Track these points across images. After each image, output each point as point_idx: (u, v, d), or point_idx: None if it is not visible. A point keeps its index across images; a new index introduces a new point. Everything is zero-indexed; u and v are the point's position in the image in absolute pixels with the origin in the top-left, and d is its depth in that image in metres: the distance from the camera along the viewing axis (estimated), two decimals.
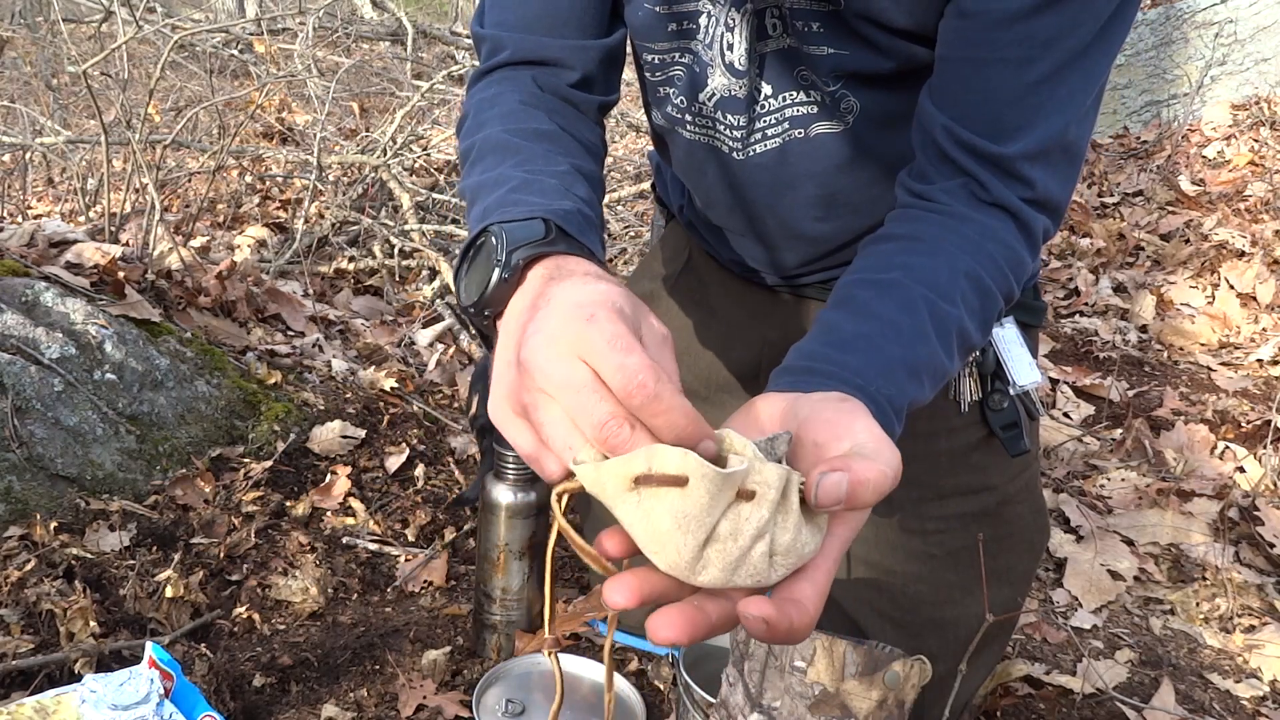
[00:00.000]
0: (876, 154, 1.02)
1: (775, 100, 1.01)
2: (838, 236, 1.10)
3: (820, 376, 0.71)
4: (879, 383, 0.72)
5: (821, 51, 0.95)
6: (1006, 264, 0.85)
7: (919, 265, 0.82)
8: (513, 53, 1.00)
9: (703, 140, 1.09)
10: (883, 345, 0.75)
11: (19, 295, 1.65)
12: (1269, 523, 1.93)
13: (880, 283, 0.82)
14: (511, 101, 0.96)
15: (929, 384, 0.77)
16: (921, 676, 0.62)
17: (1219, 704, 1.50)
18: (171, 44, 2.81)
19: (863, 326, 0.78)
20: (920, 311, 0.78)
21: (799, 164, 1.04)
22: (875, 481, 0.53)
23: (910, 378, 0.75)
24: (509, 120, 0.93)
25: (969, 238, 0.84)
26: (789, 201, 1.08)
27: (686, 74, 1.04)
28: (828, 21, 0.93)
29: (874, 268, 0.85)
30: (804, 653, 0.63)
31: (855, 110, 0.99)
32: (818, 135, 1.02)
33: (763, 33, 0.97)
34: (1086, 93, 0.86)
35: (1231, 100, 4.41)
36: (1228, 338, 3.01)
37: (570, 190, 0.81)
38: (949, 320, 0.79)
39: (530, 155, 0.86)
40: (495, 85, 0.99)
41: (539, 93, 0.98)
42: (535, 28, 1.00)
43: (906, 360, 0.75)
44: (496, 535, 1.28)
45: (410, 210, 3.04)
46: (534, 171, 0.83)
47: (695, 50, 1.02)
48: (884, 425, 0.65)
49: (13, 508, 1.41)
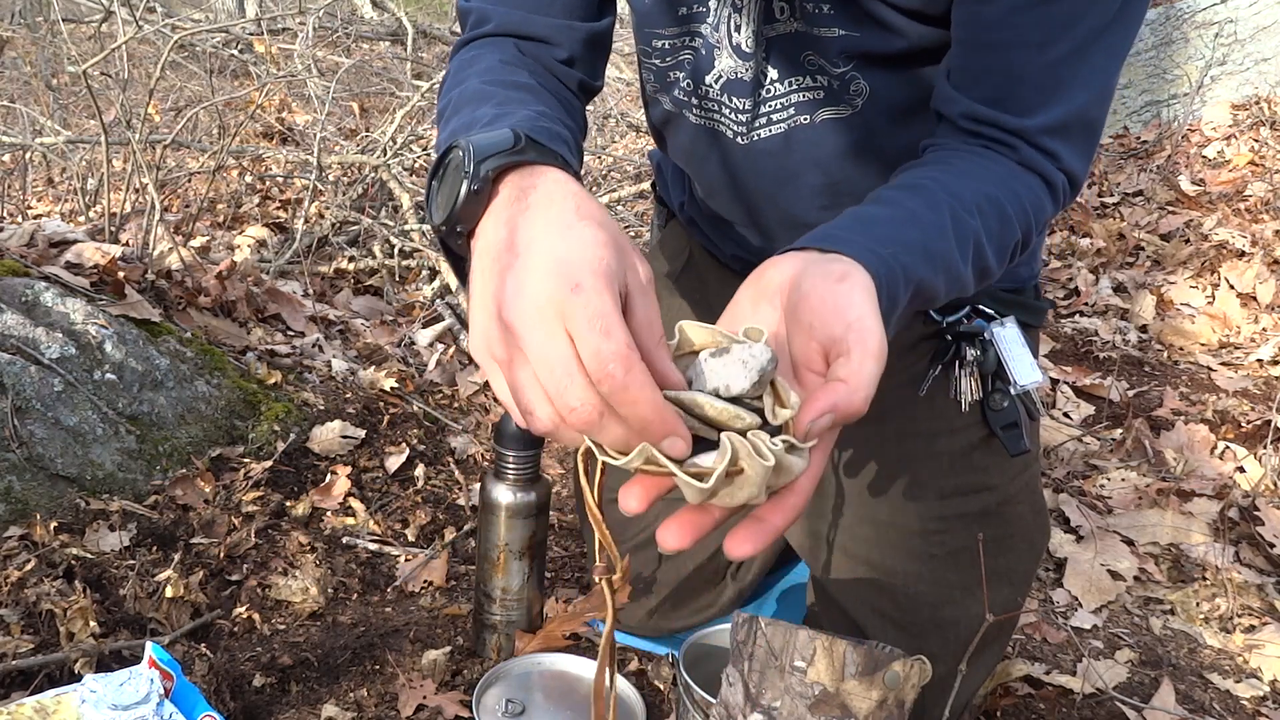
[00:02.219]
0: (882, 141, 1.02)
1: (781, 85, 1.00)
2: None
3: (835, 242, 0.70)
4: (894, 248, 0.72)
5: (832, 33, 0.95)
6: (1029, 203, 0.86)
7: (947, 181, 0.83)
8: (497, 25, 0.99)
9: (706, 125, 1.08)
10: (902, 227, 0.76)
11: (19, 295, 1.65)
12: (1269, 523, 1.93)
13: (907, 185, 0.83)
14: (491, 59, 0.94)
15: (942, 277, 0.77)
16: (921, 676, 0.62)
17: (1219, 704, 1.50)
18: (171, 44, 2.81)
19: (885, 211, 0.79)
20: (942, 211, 0.79)
21: (803, 150, 1.03)
22: (856, 405, 0.59)
23: (925, 260, 0.75)
24: (488, 74, 0.91)
25: (995, 172, 0.85)
26: (792, 189, 1.07)
27: (694, 57, 1.04)
28: (839, 3, 0.93)
29: (903, 178, 0.85)
30: (804, 653, 0.63)
31: (865, 93, 0.98)
32: (823, 121, 1.01)
33: (770, 16, 0.97)
34: (1107, 70, 0.86)
35: (1231, 100, 4.41)
36: (1228, 338, 3.01)
37: (543, 114, 0.80)
38: (968, 228, 0.79)
39: (506, 100, 0.83)
40: (476, 49, 0.98)
41: (521, 55, 0.97)
42: (523, 3, 0.98)
43: (923, 244, 0.75)
44: (496, 535, 1.28)
45: (410, 210, 3.04)
46: (507, 103, 0.81)
47: (703, 33, 1.01)
48: (889, 294, 0.69)
49: (13, 508, 1.41)
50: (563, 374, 0.54)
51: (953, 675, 0.98)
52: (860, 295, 0.63)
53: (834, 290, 0.63)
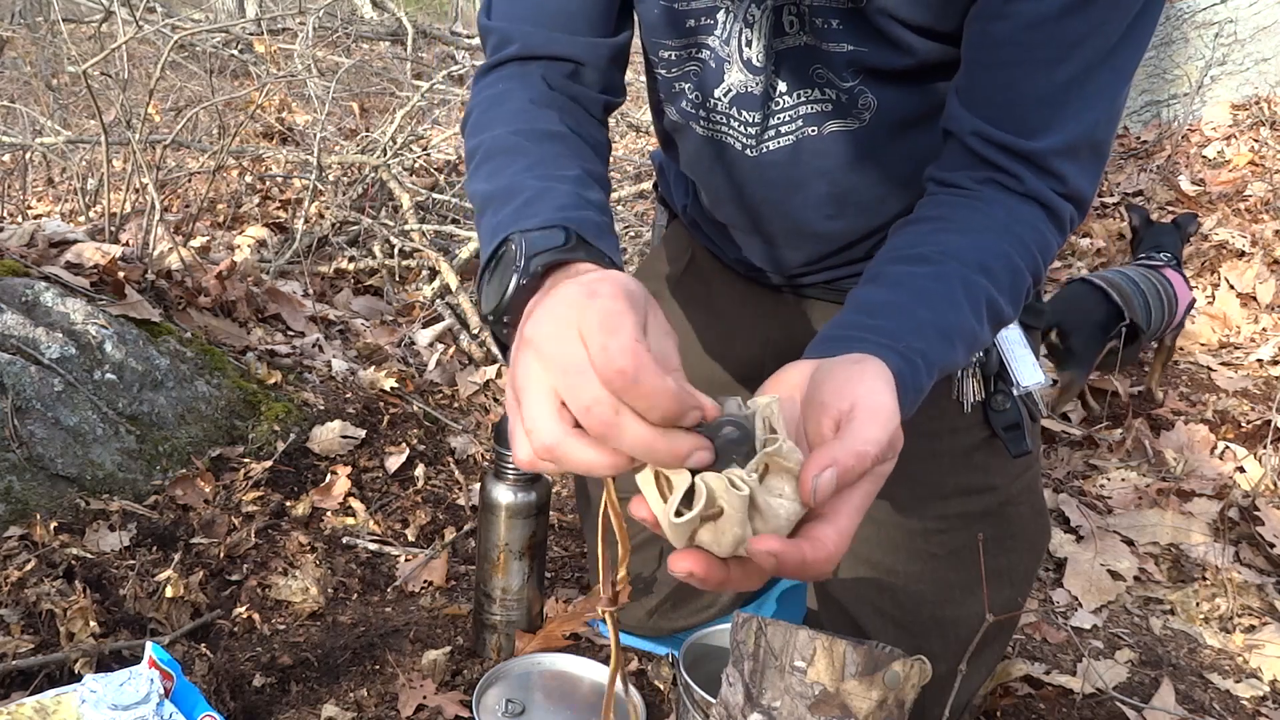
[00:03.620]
0: (889, 153, 1.02)
1: (790, 97, 1.01)
2: (845, 235, 1.10)
3: (849, 341, 0.71)
4: (909, 339, 0.72)
5: (840, 48, 0.95)
6: (1035, 245, 0.86)
7: (949, 242, 0.83)
8: (521, 46, 0.99)
9: (714, 137, 1.08)
10: (913, 309, 0.76)
11: (19, 295, 1.65)
12: (1269, 523, 1.93)
13: (910, 257, 0.83)
14: (520, 100, 0.95)
15: (961, 347, 0.77)
16: (921, 676, 0.62)
17: (1219, 704, 1.50)
18: (171, 44, 2.81)
19: (893, 295, 0.79)
20: (951, 280, 0.79)
21: (811, 161, 1.04)
22: (857, 465, 0.57)
23: (941, 339, 0.75)
24: (517, 120, 0.92)
25: (998, 219, 0.85)
26: (799, 199, 1.07)
27: (702, 70, 1.04)
28: (847, 18, 0.93)
29: (903, 245, 0.85)
30: (804, 652, 0.63)
31: (872, 107, 0.99)
32: (831, 133, 1.01)
33: (780, 30, 0.97)
34: (1115, 89, 0.86)
35: (1231, 100, 4.41)
36: (1228, 338, 3.01)
37: (584, 196, 0.81)
38: (978, 289, 0.80)
39: (540, 159, 0.86)
40: (503, 81, 0.98)
41: (548, 91, 0.97)
42: (545, 22, 0.98)
43: (937, 323, 0.76)
44: (496, 535, 1.28)
45: (410, 210, 3.04)
46: (547, 178, 0.83)
47: (711, 46, 1.02)
48: (910, 378, 0.69)
49: (13, 508, 1.41)
50: (577, 375, 0.54)
51: (953, 675, 0.98)
52: (873, 375, 0.63)
53: (849, 370, 0.64)
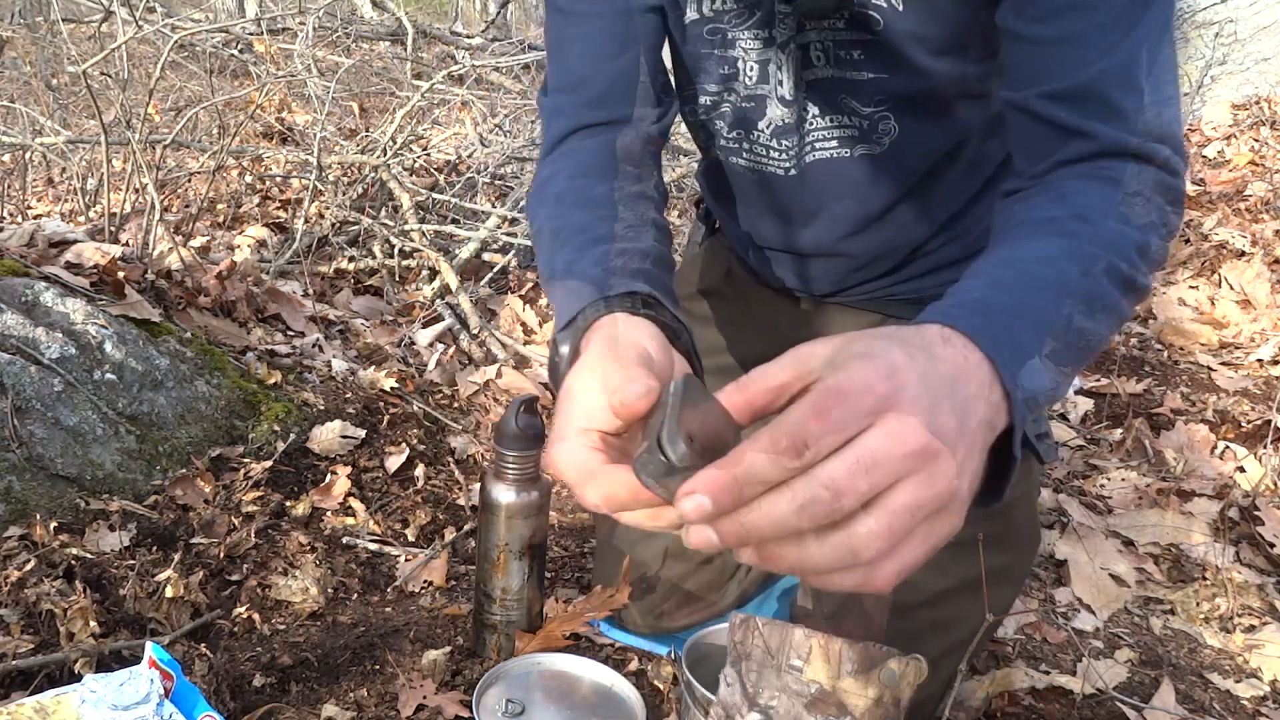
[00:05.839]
0: (911, 180, 1.08)
1: (823, 120, 1.06)
2: (869, 254, 1.17)
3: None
4: (984, 294, 0.68)
5: (863, 76, 1.00)
6: (1134, 242, 0.79)
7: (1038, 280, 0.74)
8: (569, 120, 1.06)
9: (755, 166, 1.14)
10: (999, 274, 0.72)
11: (19, 295, 1.65)
12: (1269, 523, 1.93)
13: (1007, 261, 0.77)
14: (561, 183, 1.01)
15: (1077, 305, 0.70)
16: (918, 675, 0.62)
17: (1219, 704, 1.50)
18: (171, 44, 2.81)
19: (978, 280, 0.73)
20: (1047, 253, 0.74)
21: (843, 180, 1.09)
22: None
23: (1038, 292, 0.69)
24: (561, 204, 0.99)
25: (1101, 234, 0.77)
26: (828, 215, 1.14)
27: (733, 111, 1.11)
28: (868, 48, 0.98)
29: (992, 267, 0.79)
30: (800, 651, 0.63)
31: (893, 134, 1.04)
32: (860, 155, 1.07)
33: (808, 63, 1.03)
34: (1156, 28, 0.82)
35: (1231, 100, 4.41)
36: (1228, 338, 3.01)
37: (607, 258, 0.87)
38: (1084, 253, 0.74)
39: (581, 247, 0.91)
40: (557, 161, 1.05)
41: (593, 161, 1.03)
42: (595, 100, 1.05)
43: (1028, 281, 0.70)
44: (496, 535, 1.28)
45: (410, 210, 3.04)
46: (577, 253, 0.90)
47: (737, 90, 1.08)
48: (990, 331, 0.61)
49: (13, 508, 1.41)
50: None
51: (952, 674, 0.98)
52: (872, 335, 0.58)
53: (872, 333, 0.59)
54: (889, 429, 0.50)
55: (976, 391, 0.58)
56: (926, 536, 0.51)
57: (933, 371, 0.55)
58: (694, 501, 0.49)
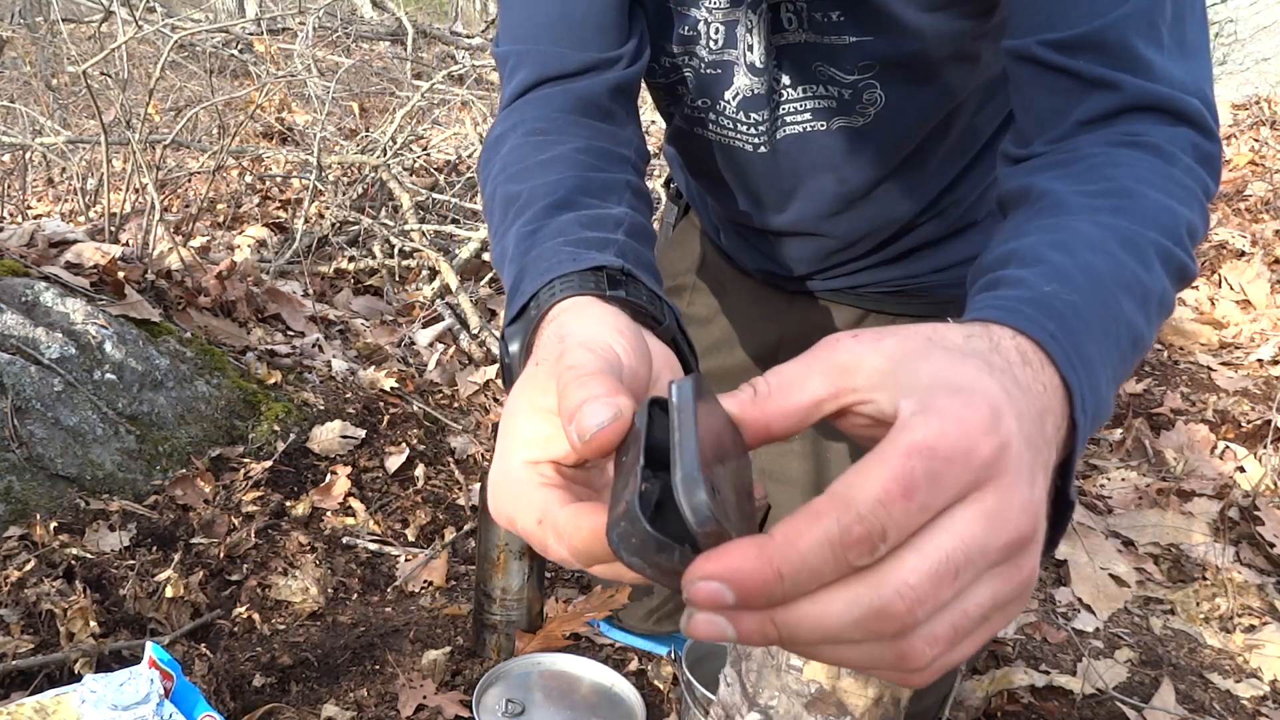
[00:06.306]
0: (897, 154, 1.00)
1: (794, 91, 0.98)
2: (851, 235, 1.10)
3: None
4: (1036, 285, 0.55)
5: (844, 41, 0.92)
6: (1178, 218, 0.65)
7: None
8: (531, 70, 0.92)
9: (723, 141, 1.07)
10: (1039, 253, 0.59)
11: (19, 295, 1.65)
12: (1269, 523, 1.93)
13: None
14: (517, 138, 0.87)
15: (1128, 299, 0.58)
16: None
17: (1219, 704, 1.50)
18: (171, 44, 2.81)
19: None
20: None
21: (819, 156, 1.02)
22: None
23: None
24: (512, 166, 0.83)
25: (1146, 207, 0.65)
26: (805, 194, 1.06)
27: (695, 77, 1.02)
28: (849, 8, 0.89)
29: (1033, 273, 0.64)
30: None
31: (878, 103, 0.96)
32: (838, 129, 1.00)
33: (778, 26, 0.94)
34: None
35: (1231, 100, 4.41)
36: (1227, 338, 3.01)
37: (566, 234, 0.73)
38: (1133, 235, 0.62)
39: (526, 208, 0.77)
40: (515, 114, 0.91)
41: (553, 114, 0.90)
42: (553, 39, 0.91)
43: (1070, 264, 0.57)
44: (496, 535, 1.28)
45: (410, 210, 3.04)
46: (528, 240, 0.74)
47: (700, 54, 1.00)
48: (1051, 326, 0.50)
49: (13, 508, 1.41)
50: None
51: (951, 674, 0.98)
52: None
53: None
54: (988, 511, 0.38)
55: (1053, 434, 0.45)
56: (987, 632, 0.40)
57: (1028, 412, 0.42)
58: (709, 590, 0.36)
